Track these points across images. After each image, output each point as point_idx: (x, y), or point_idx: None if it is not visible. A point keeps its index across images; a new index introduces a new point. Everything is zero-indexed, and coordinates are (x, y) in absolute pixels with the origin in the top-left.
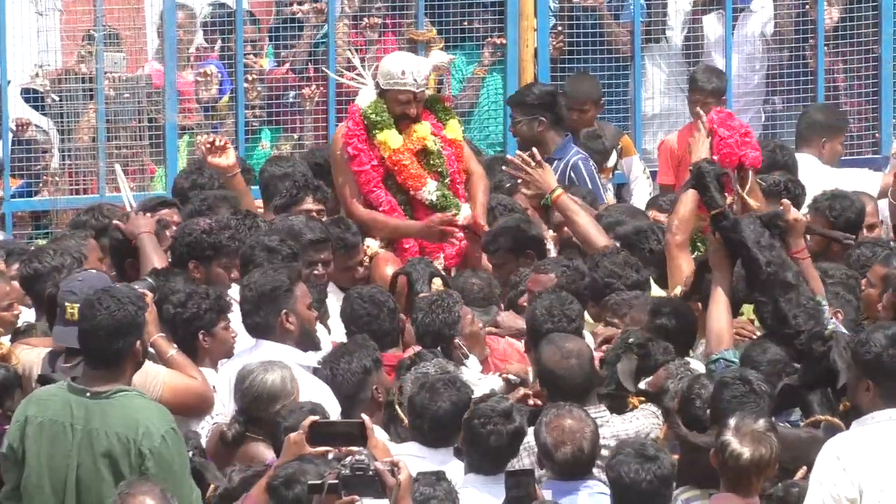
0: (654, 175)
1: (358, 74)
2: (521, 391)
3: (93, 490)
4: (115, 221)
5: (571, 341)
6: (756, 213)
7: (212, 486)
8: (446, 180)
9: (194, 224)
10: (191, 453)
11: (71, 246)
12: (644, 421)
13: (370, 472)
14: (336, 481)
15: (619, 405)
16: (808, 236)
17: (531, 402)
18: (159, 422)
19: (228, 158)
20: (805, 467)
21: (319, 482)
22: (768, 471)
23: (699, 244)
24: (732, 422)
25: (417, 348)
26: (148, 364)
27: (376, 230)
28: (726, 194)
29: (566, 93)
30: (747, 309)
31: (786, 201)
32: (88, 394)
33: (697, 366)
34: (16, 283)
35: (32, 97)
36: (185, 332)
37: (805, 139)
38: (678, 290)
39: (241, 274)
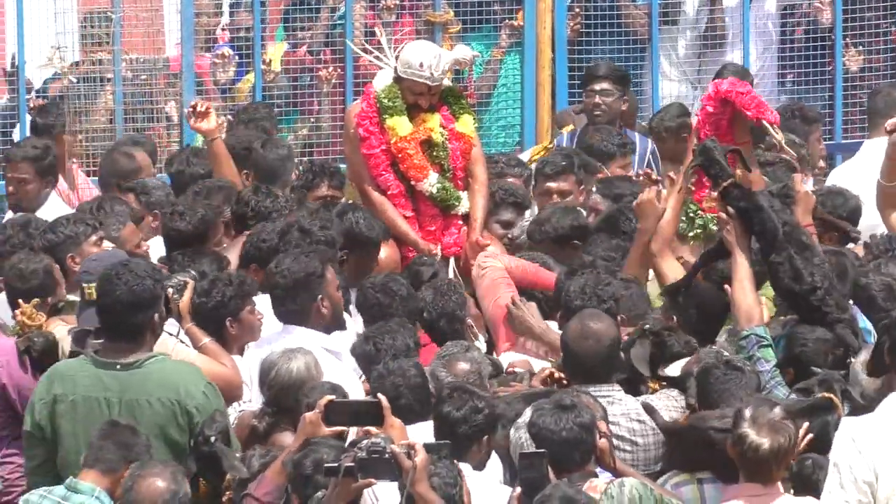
0: None
1: (382, 52)
2: (546, 370)
3: None
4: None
5: (598, 321)
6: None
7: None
8: (448, 174)
9: (268, 232)
10: (213, 438)
11: (87, 215)
12: (658, 403)
13: (386, 455)
14: (352, 464)
15: (636, 390)
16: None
17: (556, 375)
18: (196, 379)
19: (210, 123)
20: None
21: (336, 465)
22: (787, 458)
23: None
24: (748, 412)
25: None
26: (179, 349)
27: (381, 219)
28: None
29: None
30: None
31: (796, 175)
32: (118, 366)
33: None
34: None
35: (51, 78)
36: (210, 320)
37: (887, 117)
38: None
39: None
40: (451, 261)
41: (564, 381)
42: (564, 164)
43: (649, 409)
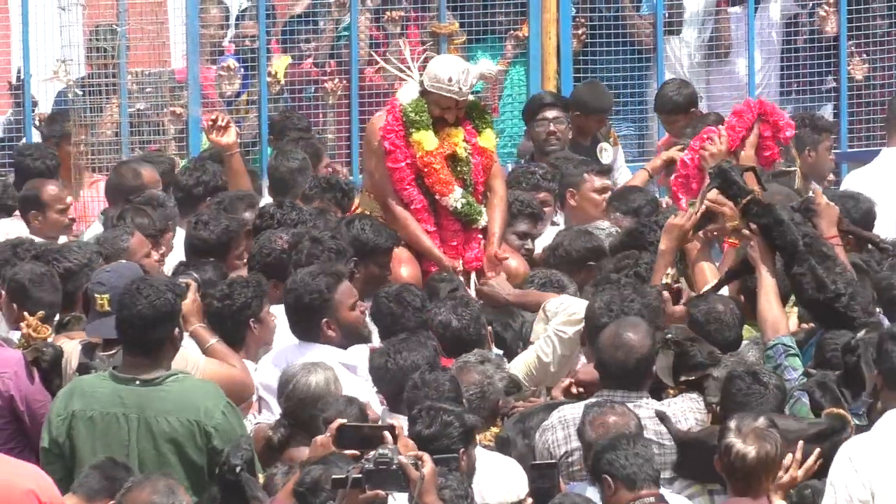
0: None
1: (407, 67)
2: (566, 381)
3: None
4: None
5: (633, 332)
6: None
7: None
8: (470, 188)
9: (273, 244)
10: (238, 468)
11: (91, 244)
12: (681, 405)
13: (394, 466)
14: (360, 475)
15: (657, 395)
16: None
17: (574, 390)
18: (216, 398)
19: (229, 137)
20: (790, 454)
21: (343, 476)
22: (775, 468)
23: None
24: (733, 423)
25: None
26: (186, 352)
27: (402, 233)
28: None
29: (587, 102)
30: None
31: (816, 187)
32: (138, 382)
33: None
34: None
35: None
36: (234, 322)
37: None
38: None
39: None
40: (473, 275)
41: (581, 392)
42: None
43: (662, 417)
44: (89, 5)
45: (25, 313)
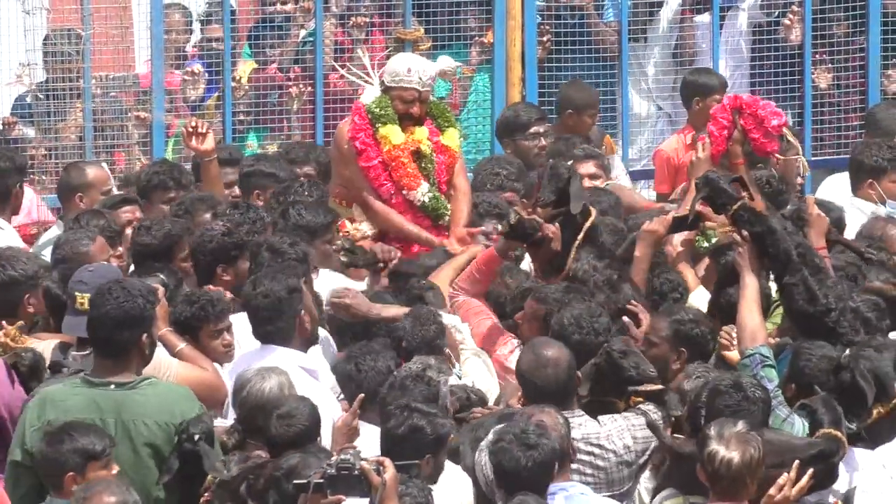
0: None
1: (367, 73)
2: (520, 396)
3: (137, 480)
4: None
5: (551, 348)
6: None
7: (210, 476)
8: (434, 186)
9: (210, 231)
10: (197, 437)
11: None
12: (621, 422)
13: (356, 472)
14: (321, 480)
15: (603, 408)
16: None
17: None
18: (191, 403)
19: (207, 143)
20: (786, 473)
21: (305, 481)
22: (759, 471)
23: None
24: (713, 431)
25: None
26: (160, 356)
27: (387, 226)
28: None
29: (577, 98)
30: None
31: (809, 196)
32: (113, 385)
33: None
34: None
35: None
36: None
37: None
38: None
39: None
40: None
41: None
42: None
43: (653, 427)
44: (54, 9)
45: (3, 322)
